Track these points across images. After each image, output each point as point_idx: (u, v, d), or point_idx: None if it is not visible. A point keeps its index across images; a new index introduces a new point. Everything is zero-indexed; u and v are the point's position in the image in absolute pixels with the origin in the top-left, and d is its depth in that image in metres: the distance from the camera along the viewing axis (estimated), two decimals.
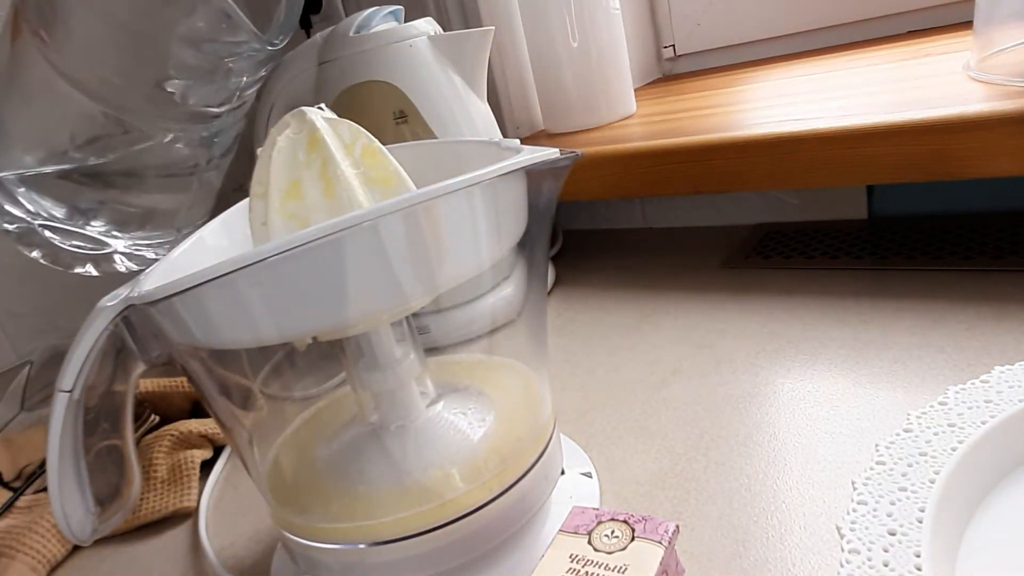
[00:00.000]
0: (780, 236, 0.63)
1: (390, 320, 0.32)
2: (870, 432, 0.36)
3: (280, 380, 0.37)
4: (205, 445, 0.49)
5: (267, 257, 0.23)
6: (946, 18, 0.65)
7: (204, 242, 0.34)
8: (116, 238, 0.38)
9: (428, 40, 0.53)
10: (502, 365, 0.40)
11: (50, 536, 0.42)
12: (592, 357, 0.50)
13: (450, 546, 0.30)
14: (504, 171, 0.27)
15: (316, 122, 0.29)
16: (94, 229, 0.36)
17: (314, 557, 0.31)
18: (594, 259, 0.69)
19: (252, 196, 0.30)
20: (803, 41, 0.73)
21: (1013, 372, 0.34)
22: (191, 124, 0.37)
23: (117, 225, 0.37)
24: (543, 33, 0.65)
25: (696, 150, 0.52)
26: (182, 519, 0.44)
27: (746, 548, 0.31)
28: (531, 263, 0.34)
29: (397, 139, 0.53)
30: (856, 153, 0.45)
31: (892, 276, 0.51)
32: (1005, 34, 0.47)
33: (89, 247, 0.37)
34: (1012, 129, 0.39)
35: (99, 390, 0.29)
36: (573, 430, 0.42)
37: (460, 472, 0.31)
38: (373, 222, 0.24)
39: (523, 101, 0.73)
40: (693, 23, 0.78)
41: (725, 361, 0.45)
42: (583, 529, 0.27)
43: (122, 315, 0.28)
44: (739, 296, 0.53)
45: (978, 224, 0.55)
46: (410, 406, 0.33)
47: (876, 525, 0.28)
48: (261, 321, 0.26)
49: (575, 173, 0.31)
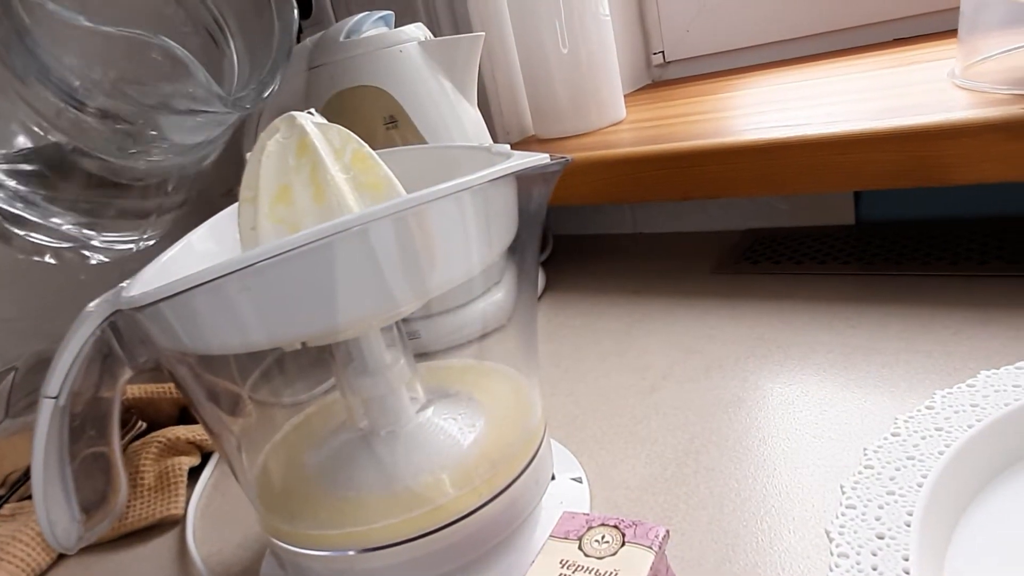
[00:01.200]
0: (769, 241, 0.63)
1: (380, 325, 0.32)
2: (858, 436, 0.36)
3: (269, 386, 0.37)
4: (193, 452, 0.49)
5: (256, 262, 0.23)
6: (931, 26, 0.66)
7: (192, 247, 0.34)
8: (83, 233, 0.37)
9: (418, 45, 0.53)
10: (492, 370, 0.40)
11: (35, 544, 0.41)
12: (582, 362, 0.51)
13: (440, 552, 0.30)
14: (494, 176, 0.27)
15: (306, 127, 0.29)
16: (58, 221, 0.35)
17: (303, 564, 0.31)
18: (584, 264, 0.70)
19: (241, 201, 0.30)
20: (791, 48, 0.74)
21: (999, 376, 0.35)
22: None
23: (84, 221, 0.36)
24: (533, 39, 0.65)
25: (686, 156, 0.52)
26: (169, 526, 0.44)
27: (736, 552, 0.31)
28: (521, 268, 0.34)
29: (387, 144, 0.53)
30: (843, 159, 0.45)
31: (879, 281, 0.51)
32: (989, 42, 0.48)
33: (49, 240, 0.36)
34: (996, 136, 0.40)
35: (85, 396, 0.29)
36: (563, 435, 0.42)
37: (450, 478, 0.31)
38: (363, 227, 0.24)
39: (513, 106, 0.73)
40: (682, 30, 0.79)
41: (715, 366, 0.46)
42: (573, 534, 0.27)
43: (109, 320, 0.27)
44: (729, 301, 0.54)
45: (964, 230, 0.55)
46: (400, 411, 0.33)
47: (865, 529, 0.28)
48: (250, 326, 0.26)
49: (565, 178, 0.31)
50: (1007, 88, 0.43)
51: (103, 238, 0.37)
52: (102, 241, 0.37)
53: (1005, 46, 0.47)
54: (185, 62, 0.27)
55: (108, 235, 0.38)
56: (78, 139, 0.32)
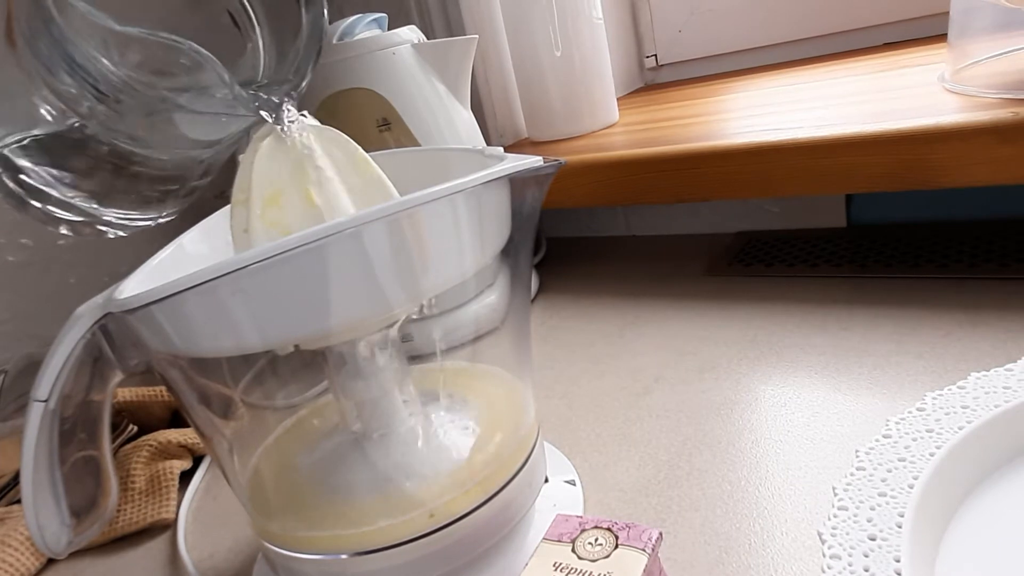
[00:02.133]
0: (761, 244, 0.64)
1: (374, 329, 0.32)
2: (850, 438, 0.36)
3: (261, 388, 0.37)
4: (184, 455, 0.49)
5: (248, 264, 0.23)
6: (922, 31, 0.66)
7: (184, 249, 0.34)
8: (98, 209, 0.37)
9: (412, 48, 0.53)
10: (486, 373, 0.39)
11: (23, 549, 0.41)
12: (575, 364, 0.51)
13: (433, 555, 0.30)
14: (488, 179, 0.27)
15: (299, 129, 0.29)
16: (77, 197, 0.35)
17: (296, 568, 0.31)
18: (577, 267, 0.70)
19: (234, 203, 0.30)
20: (783, 52, 0.74)
21: (989, 378, 0.35)
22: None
23: (103, 200, 0.36)
24: (527, 42, 0.65)
25: (678, 159, 0.52)
26: (160, 531, 0.44)
27: (729, 555, 0.31)
28: (515, 271, 0.34)
29: (380, 146, 0.53)
30: (835, 162, 0.46)
31: (871, 283, 0.51)
32: (978, 47, 0.48)
33: (69, 215, 0.36)
34: (986, 139, 0.40)
35: (76, 399, 0.29)
36: (557, 438, 0.42)
37: (443, 480, 0.31)
38: (356, 229, 0.24)
39: (507, 109, 0.73)
40: (675, 33, 0.79)
41: (707, 368, 0.46)
42: (567, 537, 0.27)
43: (100, 323, 0.27)
44: (721, 303, 0.54)
45: (954, 233, 0.56)
46: (393, 414, 0.33)
47: (857, 531, 0.28)
48: (242, 329, 0.25)
49: (558, 181, 0.31)
50: (996, 92, 0.43)
51: (120, 215, 0.37)
52: (118, 217, 0.37)
53: (994, 50, 0.48)
54: (209, 65, 0.27)
55: (126, 212, 0.37)
56: (97, 127, 0.32)
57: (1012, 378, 0.34)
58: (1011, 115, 0.39)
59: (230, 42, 0.35)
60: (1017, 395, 0.33)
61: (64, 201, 0.34)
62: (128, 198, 0.36)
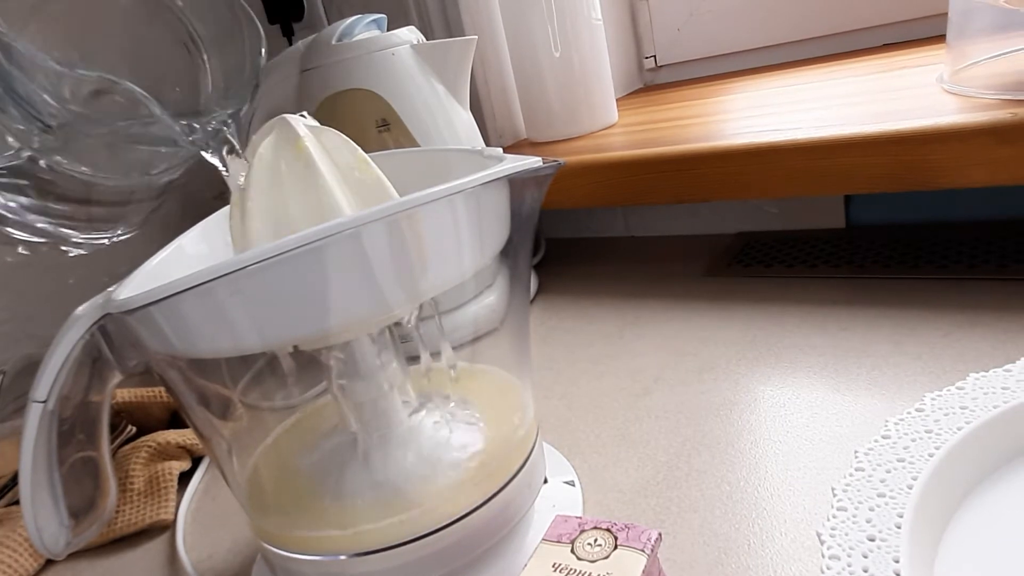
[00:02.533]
0: (760, 245, 0.64)
1: (373, 330, 0.32)
2: (849, 438, 0.36)
3: (260, 389, 0.37)
4: (183, 456, 0.49)
5: (248, 265, 0.23)
6: (920, 32, 0.66)
7: (183, 250, 0.33)
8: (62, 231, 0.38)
9: (411, 49, 0.53)
10: (485, 373, 0.39)
11: (22, 550, 0.41)
12: (575, 365, 0.51)
13: (432, 556, 0.30)
14: (487, 179, 0.27)
15: (298, 129, 0.29)
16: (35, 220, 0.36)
17: (294, 569, 0.31)
18: (577, 267, 0.70)
19: (233, 203, 0.30)
20: (782, 53, 0.74)
21: (987, 379, 0.35)
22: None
23: (60, 223, 0.37)
24: (526, 42, 0.65)
25: (677, 160, 0.52)
26: (159, 532, 0.43)
27: (728, 555, 0.31)
28: (514, 271, 0.34)
29: (380, 147, 0.53)
30: (833, 163, 0.46)
31: (870, 284, 0.51)
32: (977, 48, 0.48)
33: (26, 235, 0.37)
34: (984, 140, 0.40)
35: (74, 400, 0.29)
36: (556, 438, 0.42)
37: (442, 481, 0.31)
38: (355, 230, 0.24)
39: (506, 110, 0.73)
40: (674, 34, 0.79)
41: (707, 369, 0.46)
42: (566, 538, 0.27)
43: (98, 324, 0.27)
44: (720, 304, 0.54)
45: (953, 233, 0.56)
46: (392, 415, 0.33)
47: (856, 531, 0.28)
48: (241, 330, 0.25)
49: (558, 182, 0.31)
50: (995, 93, 0.43)
51: (78, 236, 0.38)
52: (78, 238, 0.38)
53: (993, 51, 0.48)
54: (145, 101, 0.28)
55: (83, 235, 0.38)
56: (46, 157, 0.33)
57: (1011, 379, 0.34)
58: (1010, 116, 0.39)
59: (184, 75, 0.36)
60: (1016, 396, 0.33)
61: (24, 223, 0.35)
62: (87, 222, 0.37)
